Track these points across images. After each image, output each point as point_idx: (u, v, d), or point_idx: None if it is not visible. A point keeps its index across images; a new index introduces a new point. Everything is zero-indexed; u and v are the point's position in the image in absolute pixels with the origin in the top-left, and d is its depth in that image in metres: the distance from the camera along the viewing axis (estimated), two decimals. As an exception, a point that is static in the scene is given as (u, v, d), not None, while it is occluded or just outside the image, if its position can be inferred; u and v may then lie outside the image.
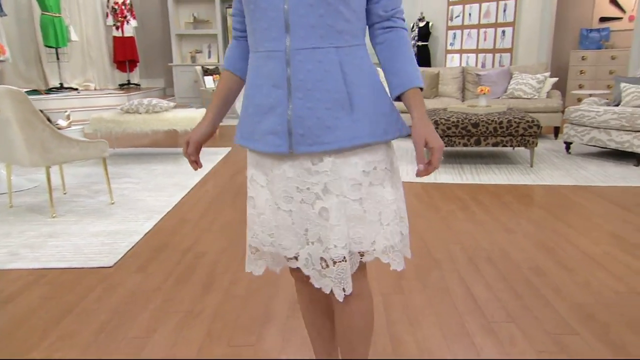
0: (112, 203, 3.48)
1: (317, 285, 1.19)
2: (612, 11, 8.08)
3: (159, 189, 3.85)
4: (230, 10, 8.70)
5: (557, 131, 5.71)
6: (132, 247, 2.70)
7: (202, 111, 5.13)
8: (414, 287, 2.19)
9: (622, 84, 4.68)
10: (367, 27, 1.16)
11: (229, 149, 5.49)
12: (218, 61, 9.00)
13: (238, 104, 8.15)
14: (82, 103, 7.19)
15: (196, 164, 1.29)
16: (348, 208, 1.13)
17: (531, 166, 4.35)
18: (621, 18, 8.02)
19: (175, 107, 5.28)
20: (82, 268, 2.43)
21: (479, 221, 3.02)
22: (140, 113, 4.97)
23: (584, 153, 4.92)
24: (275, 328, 1.88)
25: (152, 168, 4.60)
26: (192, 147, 1.27)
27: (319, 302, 1.38)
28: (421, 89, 1.13)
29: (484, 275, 2.29)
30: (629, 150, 4.27)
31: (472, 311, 1.98)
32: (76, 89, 8.07)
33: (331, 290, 1.17)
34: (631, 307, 1.99)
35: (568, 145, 4.89)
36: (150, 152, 5.38)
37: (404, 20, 1.16)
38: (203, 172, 4.37)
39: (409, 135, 1.16)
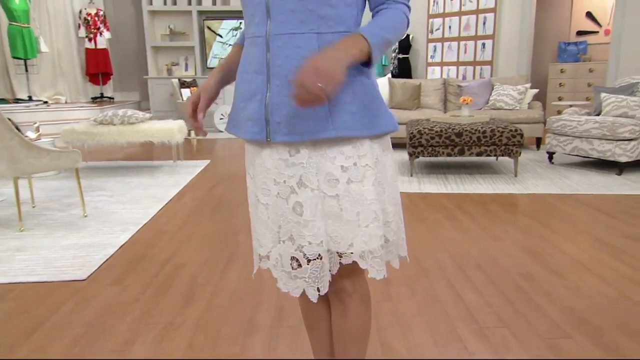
0: (85, 216, 3.40)
1: (284, 290, 1.14)
2: (589, 25, 8.36)
3: (135, 202, 3.77)
4: (207, 22, 8.72)
5: (539, 142, 5.83)
6: (107, 259, 2.63)
7: (180, 122, 5.08)
8: (403, 294, 2.17)
9: (602, 94, 4.81)
10: (371, 12, 1.13)
11: (207, 161, 5.43)
12: (195, 74, 8.97)
13: (217, 119, 8.13)
14: (53, 116, 7.06)
15: (200, 129, 1.20)
16: (325, 204, 1.09)
17: (515, 176, 4.41)
18: (597, 32, 8.30)
19: (151, 118, 5.22)
20: (53, 282, 2.35)
21: (466, 229, 3.03)
22: (114, 124, 4.89)
23: (566, 163, 5.02)
24: (260, 338, 1.84)
25: (127, 181, 4.52)
26: (204, 101, 1.18)
27: (322, 303, 1.34)
28: (368, 43, 1.01)
29: (474, 282, 2.29)
30: (611, 159, 4.37)
31: (464, 317, 1.97)
32: (46, 102, 7.92)
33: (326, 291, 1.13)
34: (622, 310, 2.00)
35: (551, 155, 4.98)
36: (125, 165, 5.29)
37: (405, 4, 1.10)
38: (180, 185, 4.31)
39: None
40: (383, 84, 6.52)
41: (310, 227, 1.08)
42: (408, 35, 8.19)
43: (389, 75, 7.37)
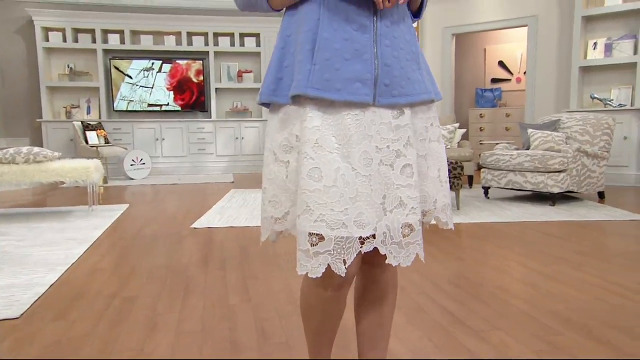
0: (-5, 259, 3.09)
1: (394, 263, 1.14)
2: (502, 73, 9.35)
3: (52, 244, 3.51)
4: (114, 62, 8.57)
5: (471, 180, 6.28)
6: (39, 297, 2.41)
7: (96, 161, 4.86)
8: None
9: (529, 130, 5.37)
10: None
11: (126, 205, 5.20)
12: (99, 117, 8.67)
13: (127, 165, 7.84)
14: None
15: None
16: (418, 164, 1.18)
17: (458, 208, 4.71)
18: (509, 80, 9.30)
19: (60, 157, 4.95)
20: (-23, 322, 2.10)
21: (427, 253, 3.17)
22: (17, 163, 4.57)
23: (502, 197, 5.45)
24: (251, 354, 1.78)
25: (33, 226, 4.19)
26: None
27: (341, 305, 1.30)
28: None
29: (453, 295, 2.39)
30: (544, 190, 4.83)
31: (455, 323, 2.05)
32: None
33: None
34: (601, 310, 2.20)
35: (486, 190, 5.40)
36: (25, 212, 4.91)
37: None
38: (102, 227, 4.08)
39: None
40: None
41: (419, 188, 1.16)
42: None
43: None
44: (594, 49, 6.65)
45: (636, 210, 4.56)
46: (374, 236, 1.13)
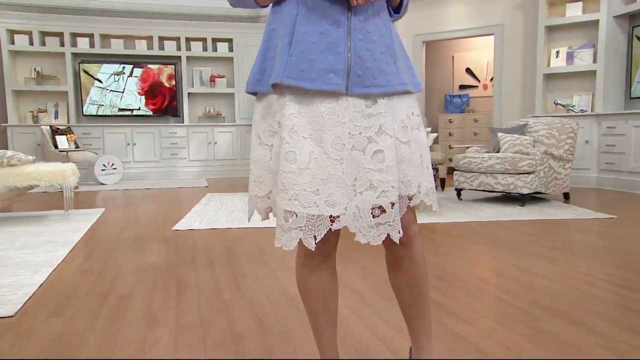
0: (-24, 261, 3.06)
1: (364, 241, 1.24)
2: (469, 80, 9.64)
3: (32, 247, 3.48)
4: (83, 66, 8.46)
5: (443, 183, 6.47)
6: (31, 296, 2.41)
7: (71, 165, 4.81)
8: (378, 303, 2.31)
9: (499, 134, 5.58)
10: None
11: (102, 209, 5.17)
12: (68, 122, 8.53)
13: (98, 170, 7.73)
14: None
15: None
16: (399, 150, 1.27)
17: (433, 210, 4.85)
18: (477, 86, 9.60)
19: (34, 160, 4.88)
20: (-30, 321, 2.10)
21: (409, 251, 3.29)
22: (-10, 166, 4.49)
23: (474, 199, 5.64)
24: (252, 345, 1.84)
25: (7, 230, 4.13)
26: None
27: (333, 276, 1.41)
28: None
29: (437, 287, 2.51)
30: (514, 191, 5.04)
31: (444, 312, 2.16)
32: None
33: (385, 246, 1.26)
34: (577, 298, 2.35)
35: (459, 191, 5.58)
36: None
37: None
38: (82, 230, 4.05)
39: None
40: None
41: (392, 172, 1.23)
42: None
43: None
44: (557, 57, 6.96)
45: (598, 209, 4.80)
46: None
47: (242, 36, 9.02)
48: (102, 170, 7.76)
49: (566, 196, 5.53)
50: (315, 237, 1.22)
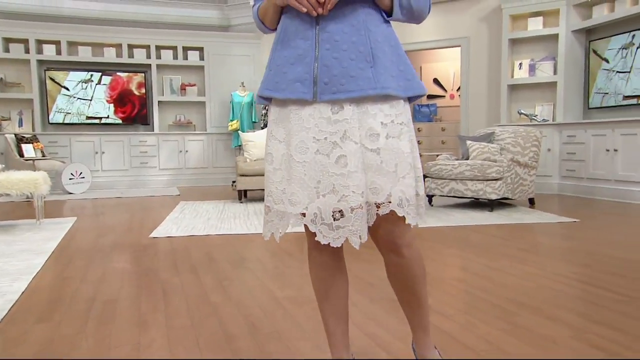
0: (-50, 270, 3.00)
1: (324, 241, 1.31)
2: (437, 90, 9.90)
3: (5, 256, 3.43)
4: (49, 73, 8.32)
5: (413, 190, 6.63)
6: (15, 303, 2.41)
7: (43, 173, 4.74)
8: (361, 301, 2.40)
9: (468, 142, 5.78)
10: None
11: (74, 218, 5.10)
12: (33, 130, 8.36)
13: (66, 179, 7.59)
14: None
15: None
16: (366, 157, 1.30)
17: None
18: (444, 96, 9.86)
19: (3, 169, 4.80)
20: (-45, 329, 2.09)
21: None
22: (-42, 175, 4.40)
23: (444, 205, 5.81)
24: (247, 344, 1.90)
25: (-21, 239, 4.05)
26: None
27: (339, 272, 1.51)
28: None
29: (418, 288, 2.61)
30: (483, 197, 5.22)
31: (426, 311, 2.26)
32: None
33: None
34: (546, 295, 2.49)
35: (430, 198, 5.74)
36: (-33, 226, 4.71)
37: None
38: (56, 239, 4.01)
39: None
40: (260, 136, 6.86)
41: (354, 177, 1.28)
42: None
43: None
44: (520, 68, 7.25)
45: (562, 214, 5.03)
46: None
47: (213, 45, 9.04)
48: (70, 179, 7.63)
49: (531, 201, 5.76)
50: (280, 231, 1.38)
